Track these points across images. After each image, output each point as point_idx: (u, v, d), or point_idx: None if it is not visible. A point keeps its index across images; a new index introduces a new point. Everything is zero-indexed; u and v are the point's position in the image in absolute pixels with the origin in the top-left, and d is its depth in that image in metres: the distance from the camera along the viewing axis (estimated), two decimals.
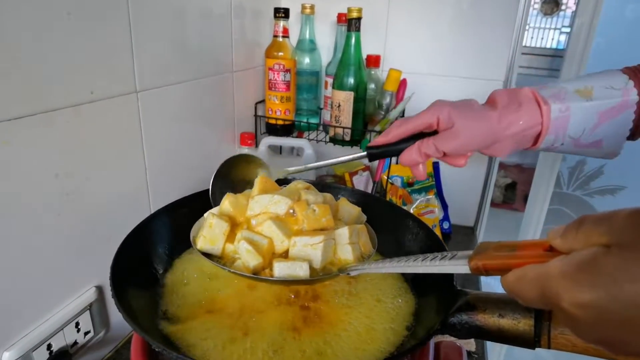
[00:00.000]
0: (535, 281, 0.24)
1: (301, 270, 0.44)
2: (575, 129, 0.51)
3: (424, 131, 0.52)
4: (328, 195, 0.54)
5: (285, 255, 0.47)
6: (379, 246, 0.52)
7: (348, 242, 0.47)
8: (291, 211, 0.49)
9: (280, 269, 0.45)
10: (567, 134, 0.51)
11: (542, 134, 0.51)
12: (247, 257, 0.45)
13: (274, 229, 0.47)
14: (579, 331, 0.23)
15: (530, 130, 0.50)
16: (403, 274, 0.56)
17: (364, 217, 0.56)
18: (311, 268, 0.45)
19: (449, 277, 0.46)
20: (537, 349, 0.38)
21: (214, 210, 0.52)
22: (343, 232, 0.48)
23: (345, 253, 0.47)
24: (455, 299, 0.42)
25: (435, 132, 0.52)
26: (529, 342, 0.38)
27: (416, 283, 0.54)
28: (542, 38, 3.62)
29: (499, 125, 0.50)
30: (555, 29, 3.62)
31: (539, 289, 0.24)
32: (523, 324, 0.38)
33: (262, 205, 0.49)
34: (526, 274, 0.25)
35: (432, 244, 0.55)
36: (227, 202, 0.51)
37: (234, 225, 0.50)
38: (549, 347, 0.37)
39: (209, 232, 0.48)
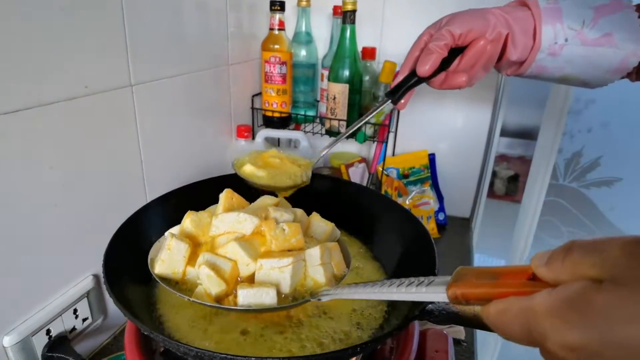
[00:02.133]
0: (519, 317, 0.22)
1: (267, 298, 0.41)
2: (572, 19, 0.47)
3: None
4: (299, 211, 0.52)
5: (251, 279, 0.44)
6: (371, 243, 0.51)
7: (319, 263, 0.44)
8: (262, 228, 0.45)
9: (245, 297, 0.41)
10: (565, 24, 0.47)
11: (536, 26, 0.48)
12: (208, 283, 0.42)
13: (239, 251, 0.43)
14: None
15: (522, 13, 0.49)
16: (383, 266, 0.57)
17: (338, 233, 0.54)
18: (280, 293, 0.42)
19: (432, 266, 0.47)
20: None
21: (174, 229, 0.49)
22: (314, 253, 0.44)
23: (317, 275, 0.45)
24: None
25: None
26: None
27: (396, 271, 0.56)
28: None
29: (492, 11, 0.51)
30: None
31: (524, 326, 0.21)
32: None
33: (227, 224, 0.46)
34: (509, 307, 0.22)
35: (420, 239, 0.54)
36: (188, 221, 0.48)
37: (195, 245, 0.47)
38: None
39: (168, 255, 0.45)
